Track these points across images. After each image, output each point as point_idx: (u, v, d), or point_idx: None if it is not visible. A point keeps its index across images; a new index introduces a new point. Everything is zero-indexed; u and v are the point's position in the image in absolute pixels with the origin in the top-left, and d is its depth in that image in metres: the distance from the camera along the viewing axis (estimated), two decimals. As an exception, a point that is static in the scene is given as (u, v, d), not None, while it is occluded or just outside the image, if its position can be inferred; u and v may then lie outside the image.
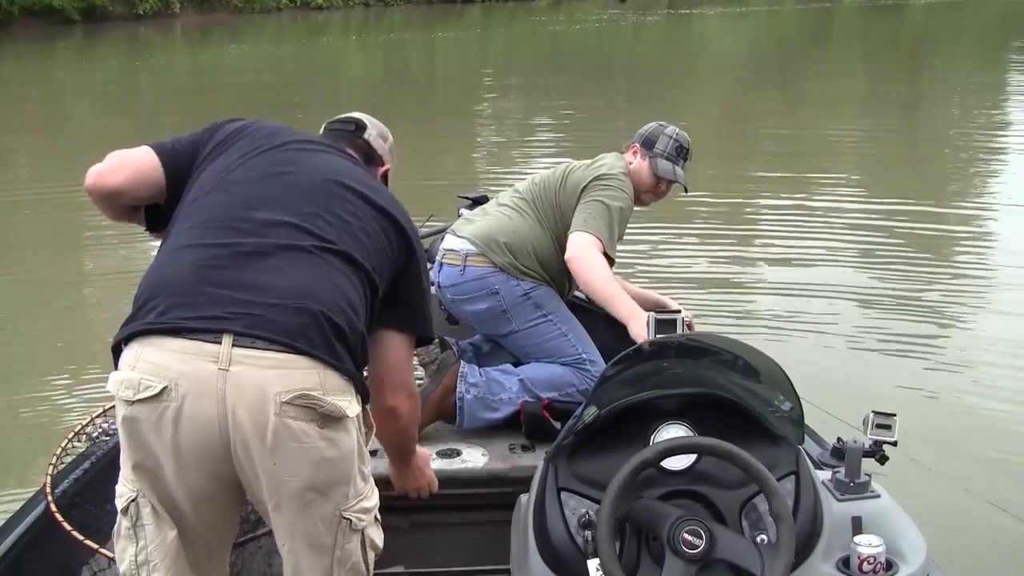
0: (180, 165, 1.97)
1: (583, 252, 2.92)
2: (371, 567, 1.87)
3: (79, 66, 21.69)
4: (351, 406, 1.73)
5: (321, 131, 2.16)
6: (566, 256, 2.96)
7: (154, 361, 1.68)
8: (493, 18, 35.31)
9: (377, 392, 1.97)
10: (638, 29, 30.77)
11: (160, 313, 1.70)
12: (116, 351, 1.76)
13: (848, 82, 17.37)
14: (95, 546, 2.18)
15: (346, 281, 1.77)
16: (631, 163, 3.16)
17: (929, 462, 3.47)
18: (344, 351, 1.73)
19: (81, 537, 2.21)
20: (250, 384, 1.65)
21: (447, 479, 2.46)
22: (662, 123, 3.21)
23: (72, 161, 10.35)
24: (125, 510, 1.78)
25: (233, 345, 1.65)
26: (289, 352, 1.67)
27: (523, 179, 3.33)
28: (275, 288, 1.71)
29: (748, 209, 8.12)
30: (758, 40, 27.80)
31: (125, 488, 1.79)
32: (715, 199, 7.99)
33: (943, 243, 7.11)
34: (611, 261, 3.00)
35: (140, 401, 1.67)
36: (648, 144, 3.16)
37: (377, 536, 1.88)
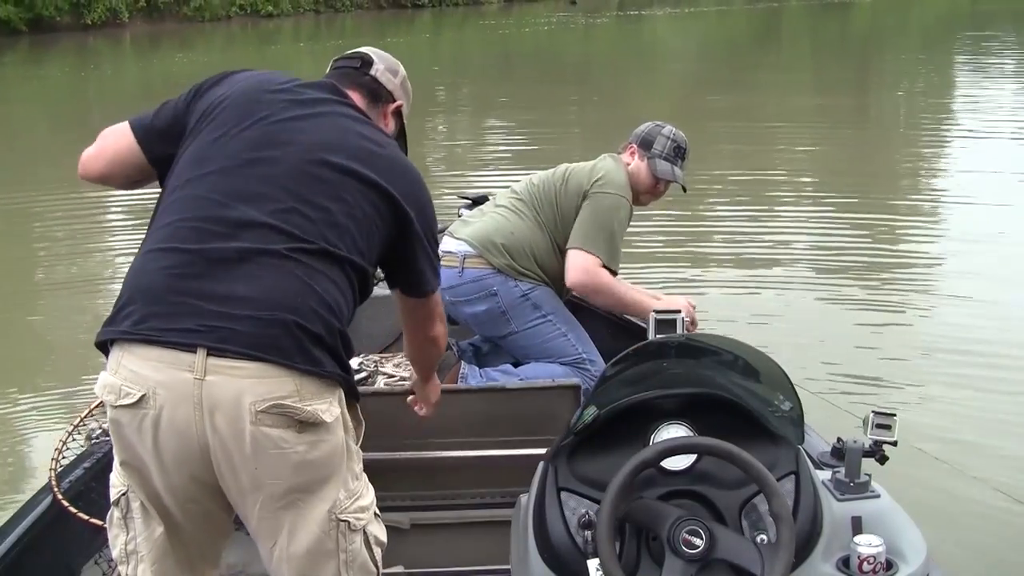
0: (156, 144, 1.94)
1: (589, 278, 2.95)
2: (379, 563, 1.87)
3: (28, 80, 21.15)
4: (331, 408, 1.72)
5: (328, 69, 2.09)
6: (569, 280, 2.98)
7: (133, 369, 1.69)
8: (444, 22, 35.03)
9: (416, 331, 2.11)
10: (588, 31, 30.73)
11: (136, 322, 1.70)
12: (102, 348, 1.77)
13: (798, 79, 17.69)
14: (100, 523, 2.20)
15: (324, 281, 1.75)
16: (629, 164, 3.15)
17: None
18: (323, 354, 1.71)
19: (86, 517, 2.29)
20: (225, 393, 1.65)
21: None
22: (659, 123, 3.20)
23: (22, 171, 10.30)
24: (117, 502, 1.82)
25: (208, 355, 1.65)
26: (264, 362, 1.66)
27: (509, 180, 3.35)
28: (247, 299, 1.69)
29: (702, 204, 8.19)
30: (708, 40, 28.04)
31: (118, 480, 1.82)
32: (669, 195, 8.01)
33: (894, 233, 7.30)
34: (613, 274, 3.03)
35: (122, 406, 1.69)
36: (646, 145, 3.16)
37: (379, 531, 1.88)
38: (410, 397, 2.39)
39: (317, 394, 1.70)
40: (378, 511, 1.90)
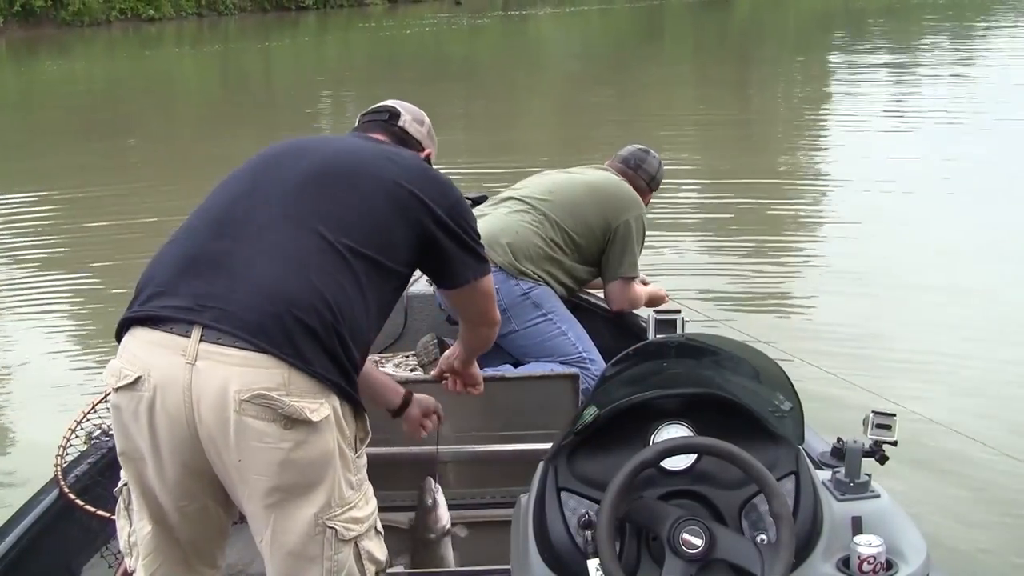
0: None
1: (631, 304, 3.28)
2: None
3: None
4: (320, 409, 1.70)
5: (356, 123, 2.18)
6: (613, 309, 3.26)
7: (133, 351, 1.72)
8: (328, 24, 34.63)
9: (480, 323, 2.23)
10: (472, 31, 30.67)
11: (143, 302, 1.75)
12: (119, 339, 1.82)
13: (681, 74, 18.21)
14: (106, 515, 2.23)
15: (328, 278, 1.76)
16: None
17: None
18: (317, 352, 1.71)
19: (93, 509, 2.34)
20: (212, 380, 1.66)
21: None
22: (650, 153, 3.41)
23: None
24: (120, 491, 1.87)
25: (201, 340, 1.67)
26: (254, 350, 1.67)
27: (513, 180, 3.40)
28: (246, 283, 1.72)
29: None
30: (592, 38, 28.49)
31: (122, 471, 1.85)
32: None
33: (777, 216, 7.66)
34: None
35: (121, 389, 1.71)
36: (656, 185, 3.45)
37: (376, 549, 1.85)
38: (445, 381, 2.45)
39: (307, 392, 1.69)
40: (380, 529, 1.88)
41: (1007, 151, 9.17)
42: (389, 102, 2.20)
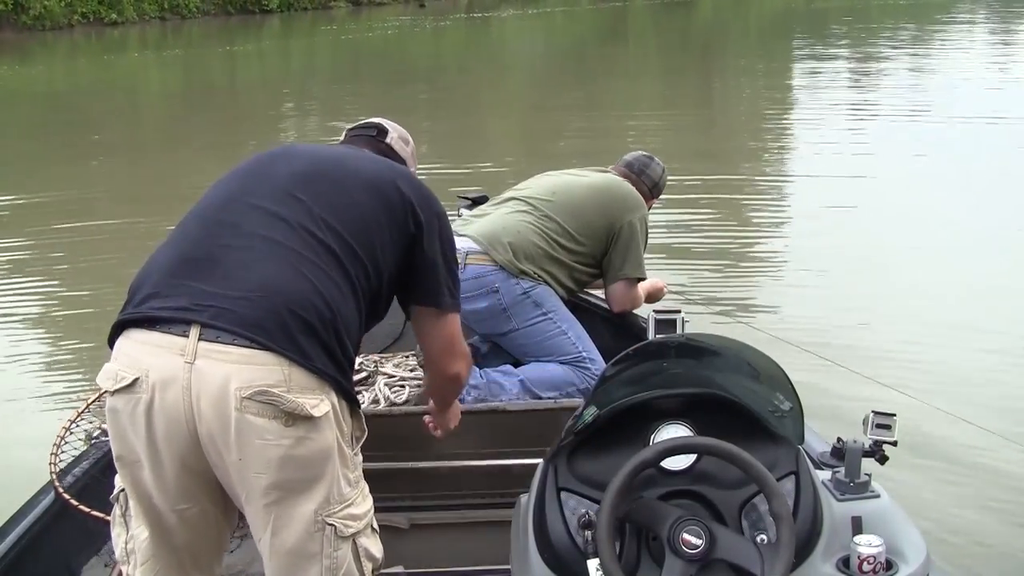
0: None
1: (633, 304, 3.29)
2: None
3: None
4: (320, 405, 1.70)
5: (343, 137, 2.20)
6: (615, 310, 3.25)
7: (129, 352, 1.72)
8: (292, 28, 34.22)
9: (439, 365, 2.10)
10: (436, 34, 30.47)
11: (137, 304, 1.75)
12: (112, 343, 1.81)
13: (645, 73, 18.27)
14: (102, 515, 2.23)
15: (322, 275, 1.77)
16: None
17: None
18: (315, 348, 1.71)
19: (87, 510, 2.33)
20: (212, 378, 1.66)
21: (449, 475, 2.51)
22: (654, 160, 3.42)
23: None
24: (116, 497, 1.85)
25: (199, 339, 1.67)
26: (253, 347, 1.67)
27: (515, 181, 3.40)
28: (242, 281, 1.72)
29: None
30: (556, 39, 28.51)
31: (119, 478, 1.83)
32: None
33: (743, 210, 7.79)
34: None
35: (118, 392, 1.71)
36: (658, 192, 3.45)
37: (373, 547, 1.85)
38: (426, 417, 2.43)
39: (307, 388, 1.69)
40: (376, 527, 1.88)
41: (987, 145, 9.38)
42: (377, 119, 2.22)
